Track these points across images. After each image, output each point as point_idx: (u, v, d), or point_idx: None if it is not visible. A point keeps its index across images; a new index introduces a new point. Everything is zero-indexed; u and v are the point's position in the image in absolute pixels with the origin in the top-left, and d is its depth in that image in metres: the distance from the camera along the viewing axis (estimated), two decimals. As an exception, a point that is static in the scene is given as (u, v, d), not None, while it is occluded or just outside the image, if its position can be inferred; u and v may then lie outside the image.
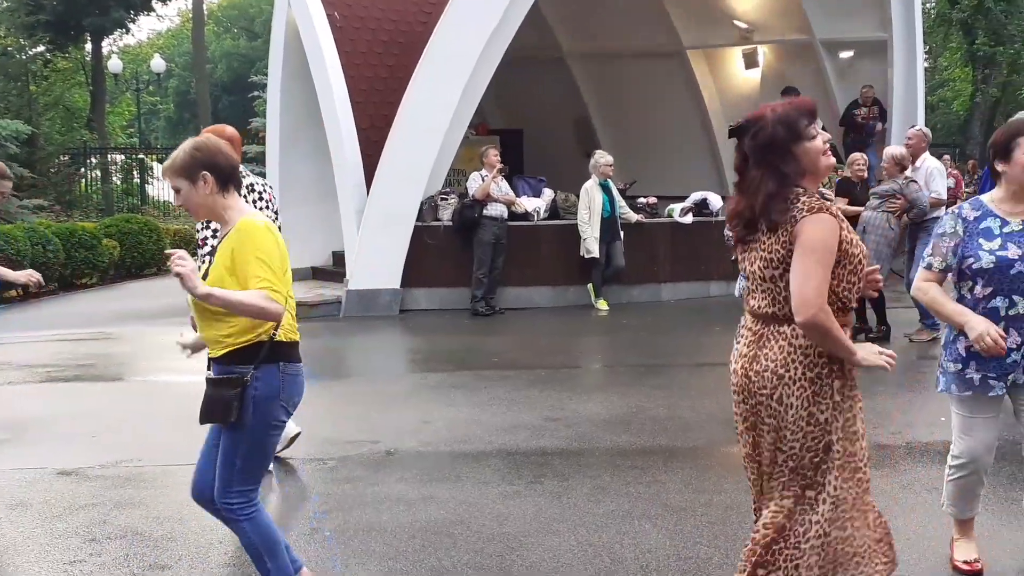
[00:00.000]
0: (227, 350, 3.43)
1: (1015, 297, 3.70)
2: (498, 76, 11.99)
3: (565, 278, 11.99)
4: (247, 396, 3.37)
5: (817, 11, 14.96)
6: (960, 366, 3.83)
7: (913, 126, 10.35)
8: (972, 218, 3.81)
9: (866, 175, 10.68)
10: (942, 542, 4.37)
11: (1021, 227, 3.73)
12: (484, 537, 4.59)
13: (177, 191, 3.48)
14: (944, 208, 8.86)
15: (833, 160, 3.15)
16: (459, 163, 12.81)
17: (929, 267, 3.85)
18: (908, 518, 4.71)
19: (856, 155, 10.98)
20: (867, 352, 3.04)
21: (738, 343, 3.23)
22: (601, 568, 4.25)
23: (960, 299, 3.83)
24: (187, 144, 3.51)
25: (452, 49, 11.56)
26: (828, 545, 3.09)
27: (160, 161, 24.33)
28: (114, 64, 32.81)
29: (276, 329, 3.41)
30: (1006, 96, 33.90)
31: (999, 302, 3.73)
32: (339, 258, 13.04)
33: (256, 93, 27.62)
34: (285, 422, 3.56)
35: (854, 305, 3.14)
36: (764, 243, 3.07)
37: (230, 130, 5.35)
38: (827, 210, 3.00)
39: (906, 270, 9.37)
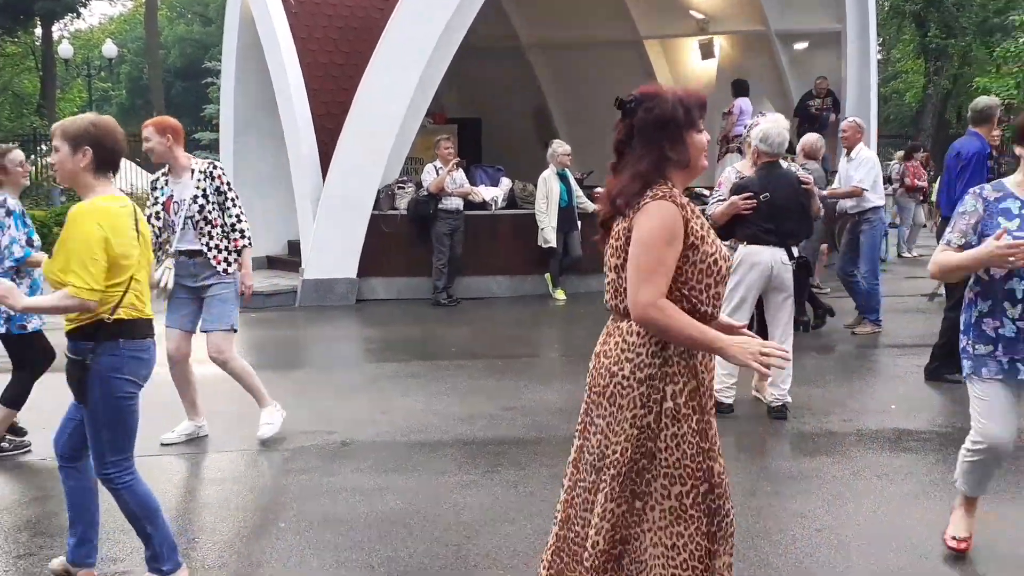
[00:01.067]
0: (72, 326, 3.67)
1: None
2: (456, 65, 11.94)
3: (522, 268, 11.99)
4: (90, 375, 3.62)
5: (772, 2, 15.09)
6: (991, 347, 3.81)
7: (847, 118, 10.42)
8: (993, 199, 3.81)
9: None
10: (892, 527, 4.45)
11: None
12: (440, 526, 4.58)
13: (56, 150, 3.67)
14: (862, 199, 8.98)
15: (707, 163, 2.99)
16: (416, 151, 12.75)
17: (948, 243, 3.83)
18: (859, 503, 4.80)
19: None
20: (740, 348, 2.77)
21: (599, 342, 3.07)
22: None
23: (976, 280, 3.86)
24: (89, 116, 3.75)
25: (409, 36, 11.49)
26: (670, 560, 2.89)
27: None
28: (65, 49, 32.20)
29: (116, 309, 3.60)
30: (957, 88, 34.45)
31: (1015, 283, 3.74)
32: (295, 247, 12.93)
33: (210, 79, 27.31)
34: (134, 394, 3.72)
35: (710, 311, 2.89)
36: (614, 230, 2.92)
37: (173, 121, 5.84)
38: (672, 198, 2.80)
39: (840, 261, 9.41)
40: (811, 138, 9.50)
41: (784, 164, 6.69)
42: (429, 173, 11.47)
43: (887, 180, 14.94)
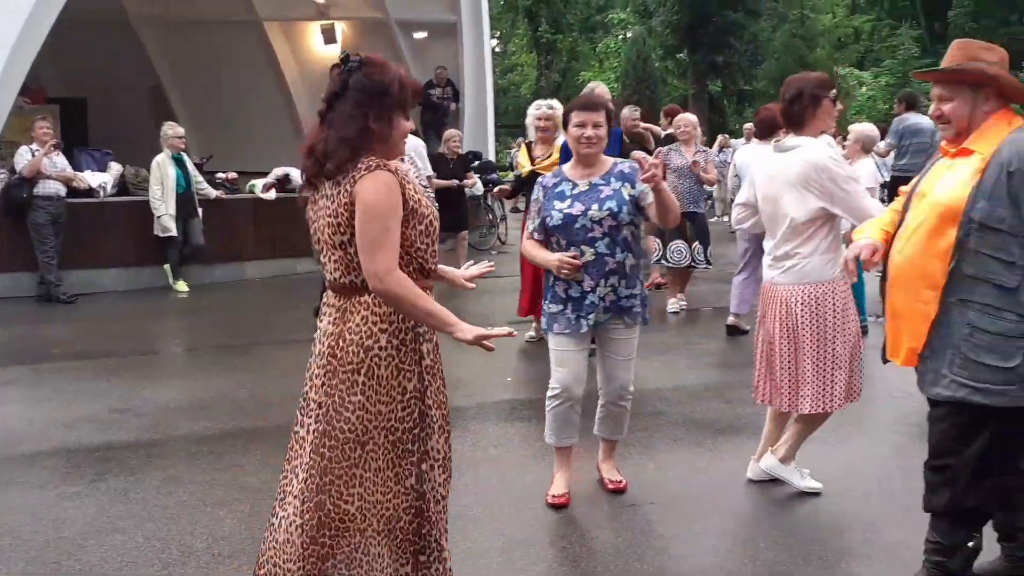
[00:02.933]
0: None
1: (584, 247, 4.27)
2: (57, 39, 10.88)
3: (138, 259, 11.23)
4: None
5: (392, -10, 15.32)
6: (560, 307, 4.39)
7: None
8: (551, 184, 4.45)
9: (461, 151, 11.16)
10: (508, 491, 4.67)
11: (588, 187, 4.34)
12: (38, 545, 4.15)
13: None
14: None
15: (405, 150, 3.11)
16: (12, 134, 11.47)
17: (532, 232, 4.49)
18: (477, 471, 5.00)
19: (452, 131, 11.42)
20: (468, 329, 2.89)
21: (321, 321, 3.06)
22: (170, 561, 4.02)
23: (551, 250, 4.38)
24: None
25: (-4, 3, 10.31)
26: (446, 508, 3.12)
27: None
28: None
29: None
30: (566, 81, 37.11)
31: (574, 252, 4.31)
32: None
33: None
34: None
35: (433, 267, 3.04)
36: (330, 206, 2.90)
37: None
38: (385, 167, 2.87)
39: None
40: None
41: None
42: (23, 155, 10.34)
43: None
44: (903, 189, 3.72)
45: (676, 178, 9.13)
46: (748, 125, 15.41)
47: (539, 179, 4.59)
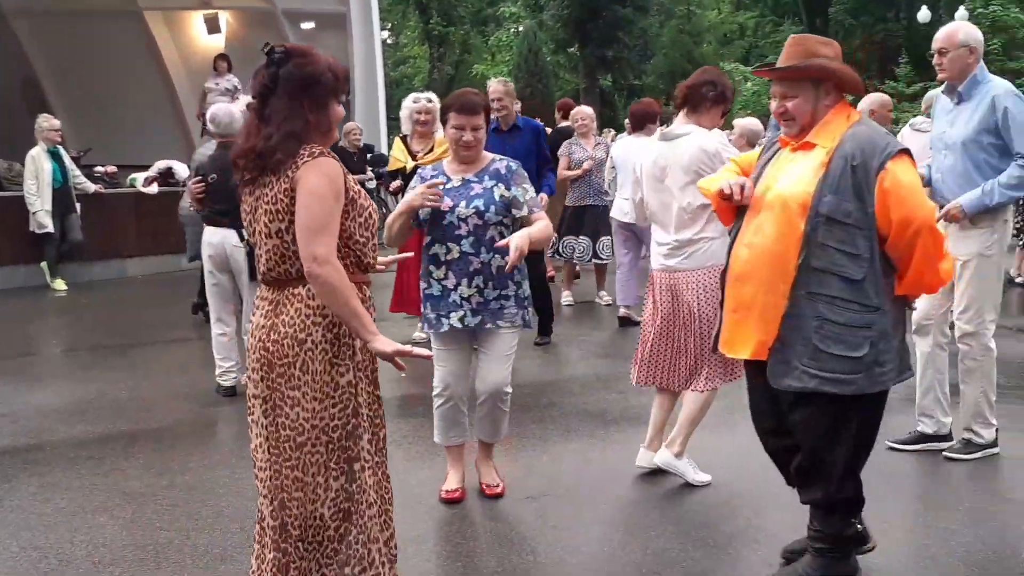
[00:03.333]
0: None
1: (450, 244, 4.18)
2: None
3: (14, 257, 10.79)
4: None
5: (277, -20, 15.02)
6: (426, 307, 4.34)
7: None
8: (428, 178, 4.31)
9: (361, 144, 10.98)
10: (402, 488, 4.62)
11: (460, 183, 4.23)
12: (-101, 562, 3.93)
13: None
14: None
15: (338, 135, 3.06)
16: None
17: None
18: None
19: (352, 124, 11.21)
20: (386, 342, 2.82)
21: (254, 315, 2.98)
22: (48, 570, 3.86)
23: (426, 246, 4.28)
24: None
25: None
26: (382, 512, 3.02)
27: None
28: None
29: None
30: (459, 73, 37.06)
31: (438, 248, 4.23)
32: None
33: None
34: None
35: (372, 261, 2.99)
36: (268, 195, 2.82)
37: None
38: (327, 155, 2.83)
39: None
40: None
41: None
42: None
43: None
44: (735, 159, 3.82)
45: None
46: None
47: (419, 170, 4.53)
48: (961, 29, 4.95)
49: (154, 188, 11.90)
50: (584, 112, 9.61)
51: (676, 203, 4.55)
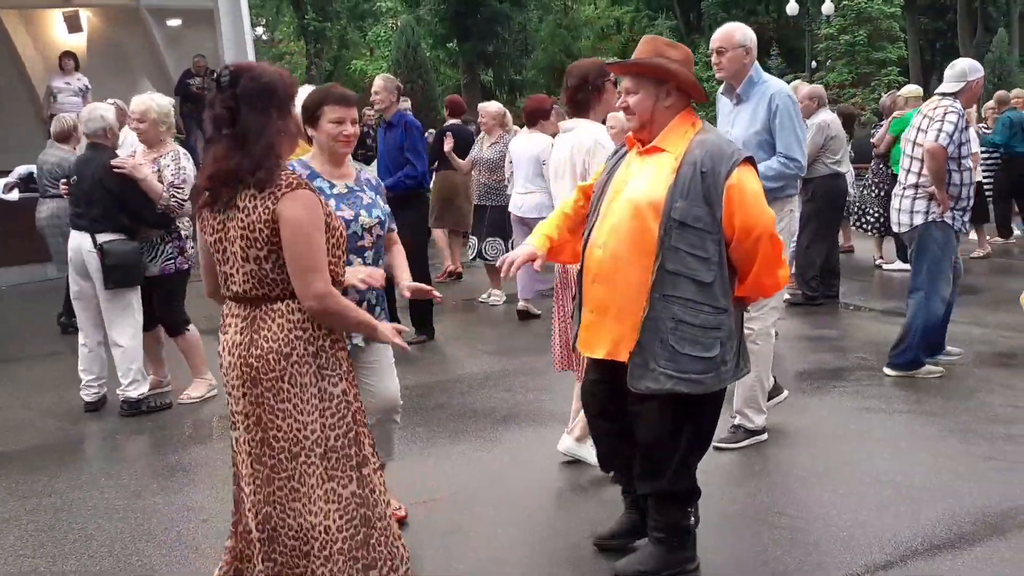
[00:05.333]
0: None
1: (352, 256, 3.73)
2: None
3: None
4: None
5: (139, -25, 14.43)
6: None
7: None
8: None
9: None
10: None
11: (346, 190, 3.81)
12: None
13: None
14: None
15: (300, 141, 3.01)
16: None
17: None
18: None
19: None
20: (387, 329, 3.03)
21: (225, 333, 2.95)
22: None
23: None
24: None
25: None
26: (388, 512, 3.02)
27: None
28: None
29: None
30: (338, 69, 36.53)
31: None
32: None
33: None
34: None
35: (342, 276, 3.00)
36: (245, 220, 2.80)
37: None
38: (305, 185, 2.85)
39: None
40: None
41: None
42: None
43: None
44: (582, 185, 3.88)
45: (488, 171, 9.27)
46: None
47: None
48: (738, 30, 5.05)
49: (15, 194, 11.26)
50: (486, 110, 9.70)
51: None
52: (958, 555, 3.77)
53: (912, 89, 10.41)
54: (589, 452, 4.69)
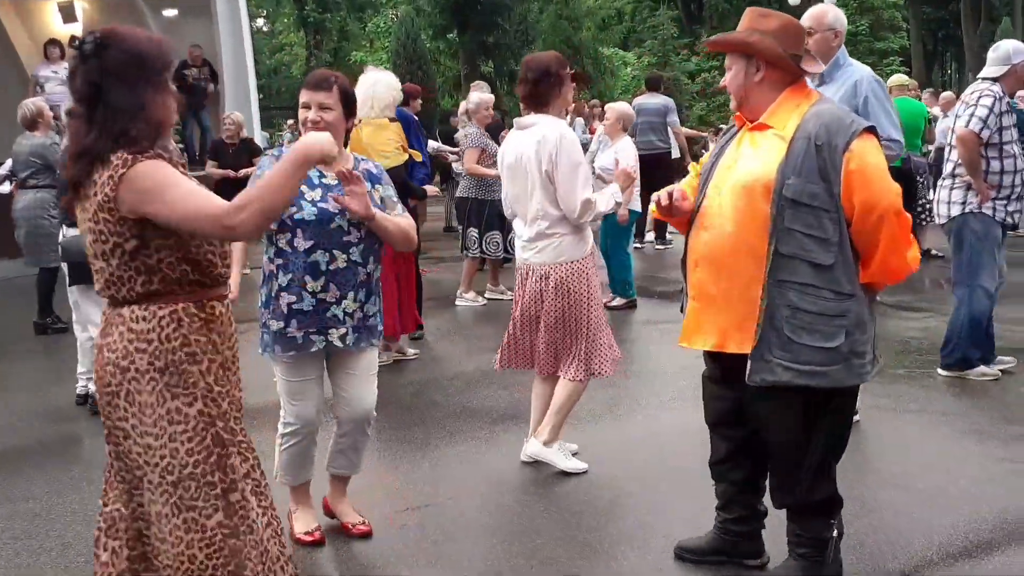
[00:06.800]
0: None
1: (335, 251, 3.56)
2: None
3: None
4: None
5: (133, -36, 14.27)
6: (282, 324, 3.60)
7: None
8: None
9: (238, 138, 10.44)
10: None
11: (337, 181, 3.57)
12: None
13: None
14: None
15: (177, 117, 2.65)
16: None
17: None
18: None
19: (237, 115, 10.69)
20: (311, 142, 2.60)
21: None
22: None
23: (279, 252, 3.59)
24: None
25: None
26: (266, 535, 2.65)
27: None
28: None
29: None
30: (338, 61, 36.30)
31: (320, 256, 3.56)
32: None
33: None
34: None
35: (222, 272, 2.65)
36: (89, 210, 2.46)
37: None
38: (143, 156, 2.43)
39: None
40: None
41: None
42: None
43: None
44: (694, 165, 3.62)
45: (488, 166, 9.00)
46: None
47: (269, 151, 3.95)
48: (830, 11, 4.92)
49: (7, 187, 11.10)
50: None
51: (530, 195, 4.45)
52: (976, 564, 3.60)
53: (898, 78, 10.22)
54: (558, 456, 4.55)
